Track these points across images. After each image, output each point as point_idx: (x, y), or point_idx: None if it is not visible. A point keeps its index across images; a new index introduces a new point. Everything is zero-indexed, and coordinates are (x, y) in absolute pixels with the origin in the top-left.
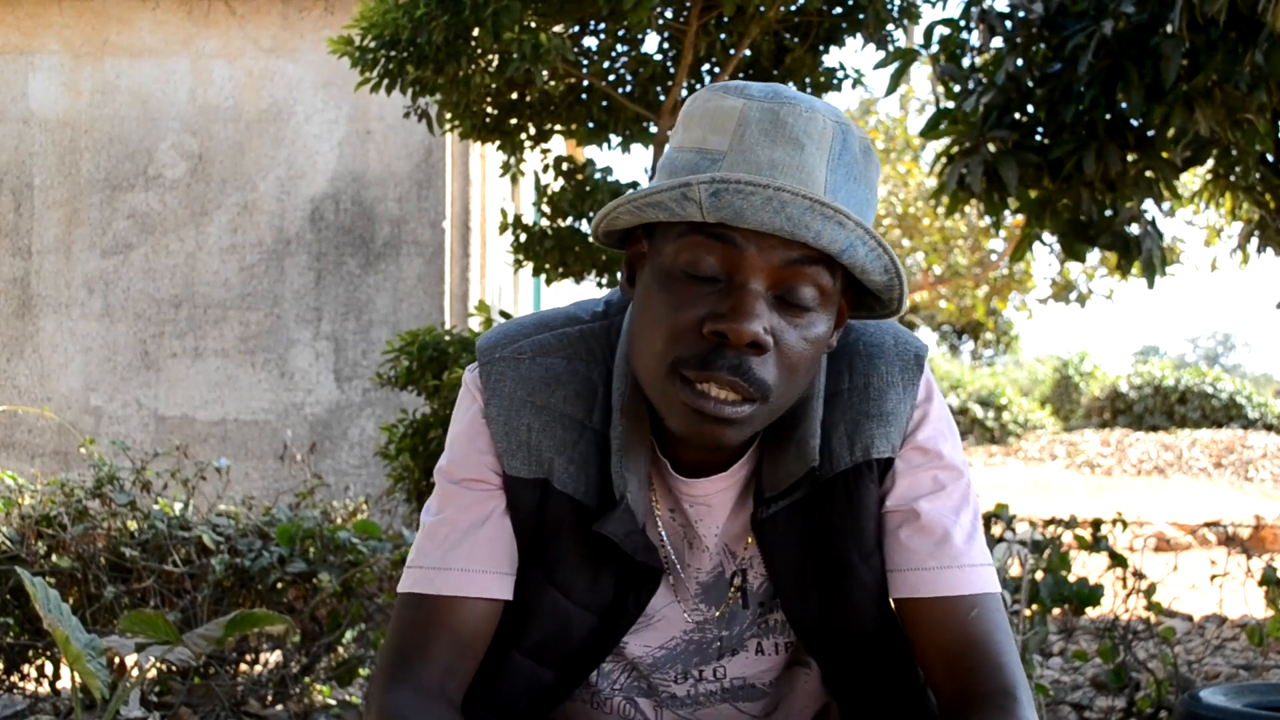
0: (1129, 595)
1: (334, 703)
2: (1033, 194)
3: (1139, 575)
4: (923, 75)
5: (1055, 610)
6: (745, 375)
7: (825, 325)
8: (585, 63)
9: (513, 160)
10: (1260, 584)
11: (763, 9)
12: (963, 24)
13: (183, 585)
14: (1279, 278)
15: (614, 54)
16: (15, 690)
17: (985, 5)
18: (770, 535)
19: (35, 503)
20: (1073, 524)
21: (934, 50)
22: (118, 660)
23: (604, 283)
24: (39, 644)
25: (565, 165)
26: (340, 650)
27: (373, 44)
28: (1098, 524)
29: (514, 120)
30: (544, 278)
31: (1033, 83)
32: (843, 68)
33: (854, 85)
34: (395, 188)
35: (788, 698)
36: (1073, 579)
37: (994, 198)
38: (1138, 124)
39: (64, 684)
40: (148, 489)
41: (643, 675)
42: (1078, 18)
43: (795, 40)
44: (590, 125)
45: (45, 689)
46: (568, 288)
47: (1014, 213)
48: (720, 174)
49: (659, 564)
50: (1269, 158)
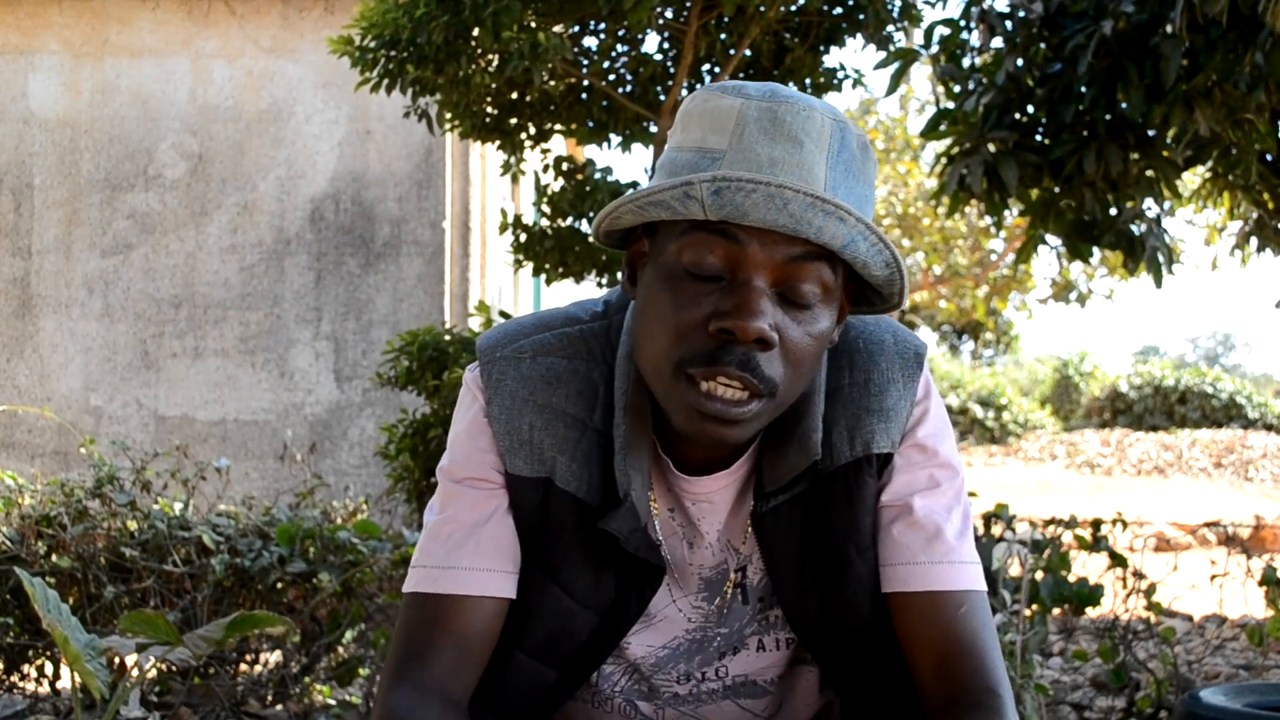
0: (1129, 595)
1: (334, 703)
2: (1035, 195)
3: (1139, 575)
4: (923, 76)
5: (1055, 610)
6: (753, 371)
7: (828, 320)
8: (585, 63)
9: (513, 160)
10: (1260, 584)
11: (763, 9)
12: (963, 24)
13: (183, 585)
14: (1278, 277)
15: (614, 54)
16: (15, 690)
17: (985, 5)
18: (769, 529)
19: (35, 503)
20: (1073, 524)
21: (934, 50)
22: (118, 660)
23: (604, 283)
24: (39, 644)
25: (565, 165)
26: (340, 650)
27: (373, 44)
28: (1098, 524)
29: (514, 120)
30: (544, 278)
31: (1033, 83)
32: (843, 68)
33: (854, 85)
34: (395, 188)
35: (790, 695)
36: (1073, 579)
37: (994, 198)
38: (1138, 124)
39: (64, 684)
40: (148, 489)
41: (644, 677)
42: (1077, 18)
43: (795, 40)
44: (590, 125)
45: (45, 689)
46: (568, 288)
47: (1020, 214)
48: (722, 172)
49: (661, 561)
50: (1268, 157)
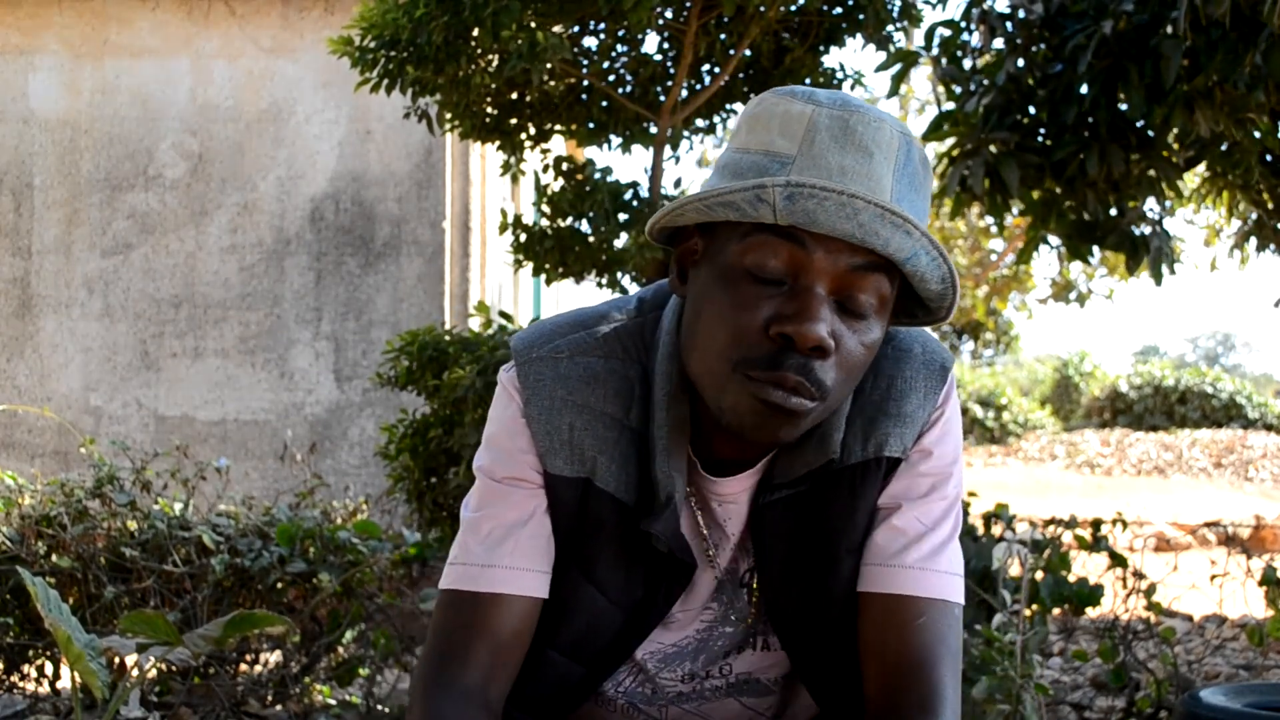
0: (1129, 595)
1: (334, 703)
2: (1036, 196)
3: (1139, 575)
4: (923, 76)
5: (1055, 610)
6: (809, 376)
7: (880, 330)
8: (585, 63)
9: (513, 160)
10: (1260, 584)
11: (763, 9)
12: (963, 25)
13: (183, 585)
14: (1278, 277)
15: (614, 54)
16: (15, 690)
17: (986, 6)
18: (766, 520)
19: (35, 503)
20: (1073, 524)
21: (935, 52)
22: (118, 660)
23: (604, 282)
24: (39, 644)
25: (565, 165)
26: (340, 650)
27: (373, 44)
28: (1098, 524)
29: (514, 120)
30: (544, 278)
31: (1034, 84)
32: (843, 68)
33: (854, 86)
34: (395, 188)
35: (794, 695)
36: (1073, 579)
37: (996, 199)
38: (1139, 124)
39: (64, 684)
40: (148, 489)
41: (649, 676)
42: (1078, 18)
43: (795, 40)
44: (590, 125)
45: (45, 689)
46: (568, 288)
47: (1020, 214)
48: (795, 178)
49: (692, 560)
50: (1268, 157)
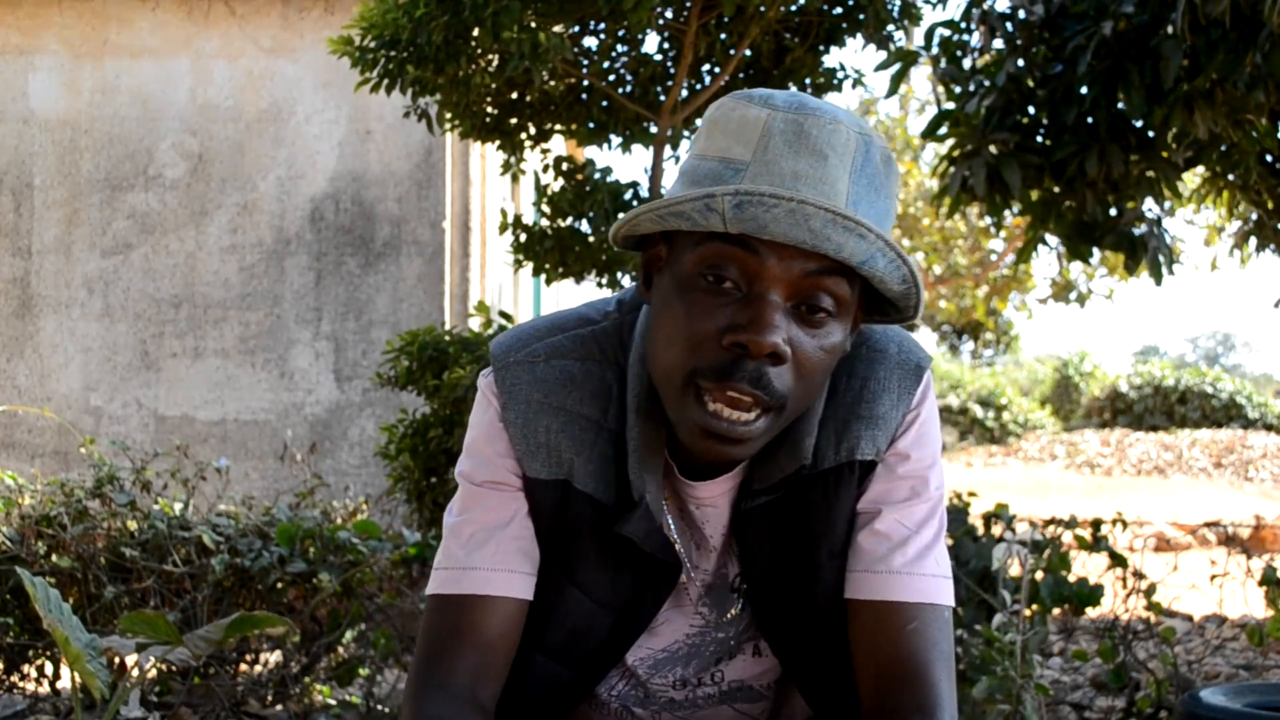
0: (1129, 595)
1: (334, 703)
2: (1036, 196)
3: (1139, 575)
4: (923, 76)
5: (1055, 610)
6: (764, 387)
7: (841, 334)
8: (585, 63)
9: (513, 160)
10: (1260, 584)
11: (763, 9)
12: (963, 25)
13: (183, 585)
14: (1278, 277)
15: (614, 54)
16: (15, 690)
17: (986, 6)
18: (748, 526)
19: (35, 503)
20: (1073, 524)
21: (934, 52)
22: (118, 660)
23: (604, 283)
24: (39, 644)
25: (565, 165)
26: (340, 650)
27: (373, 44)
28: (1098, 524)
29: (514, 120)
30: (544, 278)
31: (1034, 84)
32: (843, 68)
33: (854, 86)
34: (395, 188)
35: (786, 701)
36: (1073, 579)
37: (997, 200)
38: (1139, 125)
39: (64, 684)
40: (148, 489)
41: (640, 682)
42: (1078, 19)
43: (795, 40)
44: (590, 125)
45: (45, 689)
46: (568, 288)
47: (1020, 215)
48: (744, 186)
49: (677, 560)
50: (1268, 158)
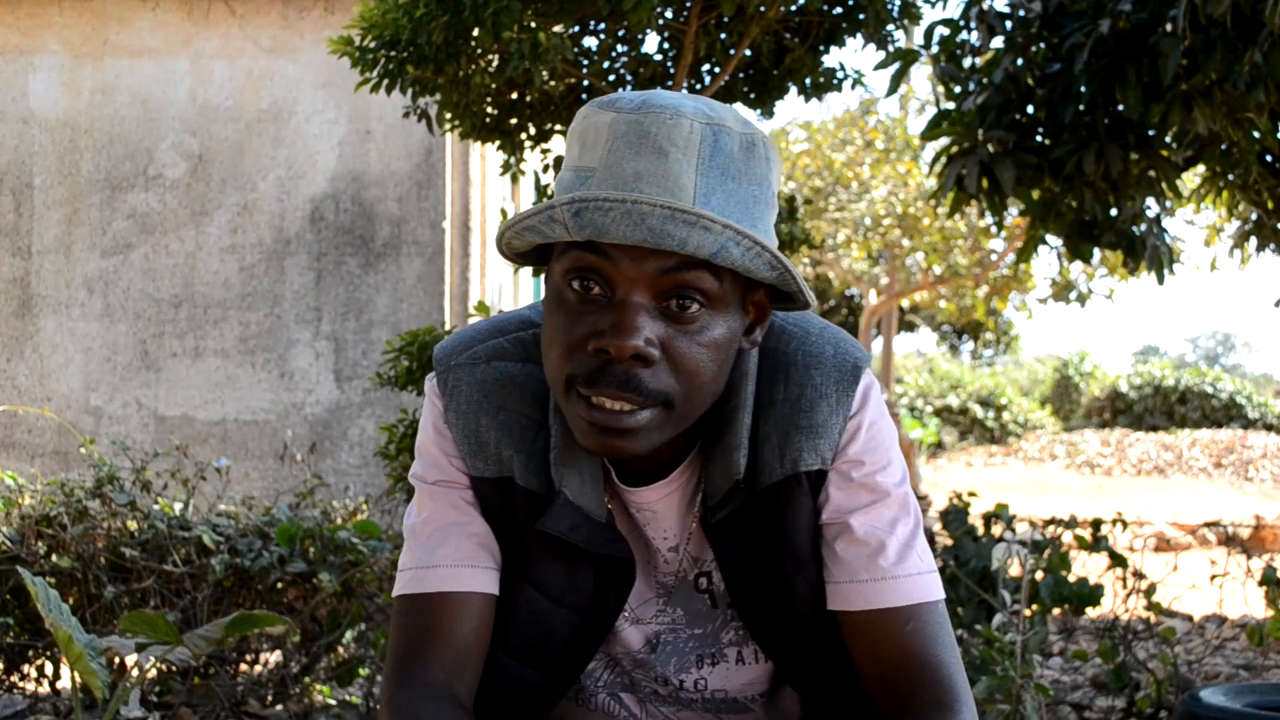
0: (1129, 595)
1: (334, 703)
2: (1035, 195)
3: (1139, 575)
4: (923, 76)
5: (1055, 610)
6: (635, 388)
7: (723, 327)
8: (585, 63)
9: (513, 160)
10: (1260, 584)
11: (763, 9)
12: (962, 24)
13: (183, 585)
14: (1278, 277)
15: (614, 54)
16: (15, 690)
17: (985, 5)
18: (720, 541)
19: (35, 503)
20: (1073, 524)
21: (934, 51)
22: (118, 660)
23: None
24: (39, 644)
25: None
26: (340, 650)
27: (373, 44)
28: (1098, 524)
29: (514, 120)
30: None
31: (1032, 82)
32: (843, 68)
33: (854, 85)
34: (395, 188)
35: (774, 713)
36: (1073, 579)
37: (993, 198)
38: (1137, 123)
39: (64, 684)
40: (148, 489)
41: (626, 671)
42: (1076, 17)
43: (795, 40)
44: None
45: (45, 689)
46: None
47: (1020, 214)
48: (580, 194)
49: (627, 554)
50: (1268, 157)
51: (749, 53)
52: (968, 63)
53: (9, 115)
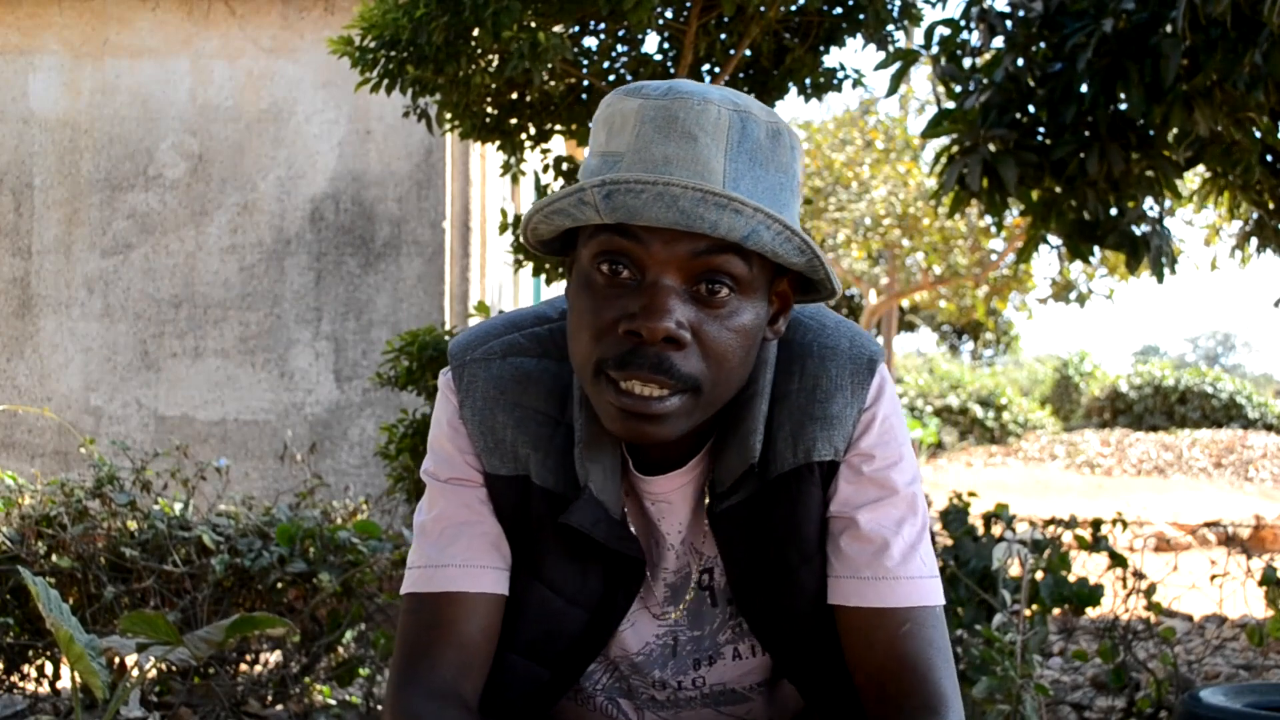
0: (1129, 595)
1: (334, 703)
2: (1035, 195)
3: (1139, 575)
4: (923, 76)
5: (1055, 610)
6: (667, 371)
7: (751, 313)
8: (585, 63)
9: (513, 160)
10: (1260, 584)
11: (763, 9)
12: (963, 24)
13: (183, 585)
14: (1278, 277)
15: (614, 54)
16: (15, 690)
17: (985, 5)
18: (725, 531)
19: (35, 503)
20: (1073, 524)
21: (934, 51)
22: (118, 660)
23: None
24: (39, 644)
25: (565, 165)
26: (340, 650)
27: (373, 44)
28: (1098, 524)
29: (514, 120)
30: (544, 278)
31: (1033, 82)
32: (843, 68)
33: (854, 85)
34: (395, 188)
35: (772, 701)
36: (1073, 579)
37: (994, 197)
38: (1138, 123)
39: (64, 684)
40: (148, 489)
41: (624, 676)
42: (1078, 16)
43: (795, 40)
44: (590, 125)
45: (45, 689)
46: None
47: (1021, 214)
48: (610, 176)
49: (639, 553)
50: (1268, 157)
51: (749, 53)
52: (968, 63)
53: (9, 115)
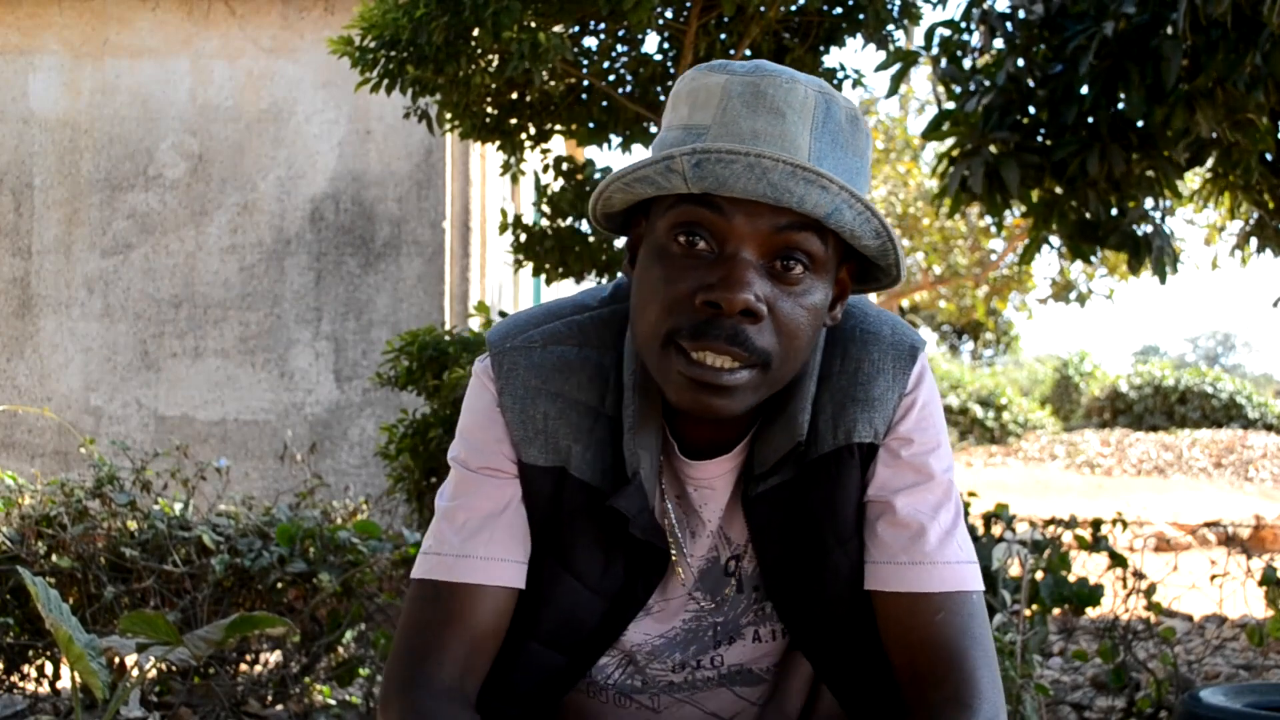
0: (1129, 595)
1: (334, 703)
2: (1037, 196)
3: (1139, 575)
4: (923, 76)
5: (1055, 610)
6: (742, 343)
7: (821, 293)
8: (585, 63)
9: (513, 160)
10: (1260, 584)
11: (763, 9)
12: (963, 25)
13: (183, 585)
14: (1278, 277)
15: (614, 54)
16: (15, 690)
17: (986, 6)
18: (758, 514)
19: (35, 503)
20: (1073, 524)
21: (934, 52)
22: (118, 660)
23: (604, 282)
24: (39, 644)
25: (565, 165)
26: (340, 650)
27: (373, 44)
28: (1098, 524)
29: (514, 120)
30: (544, 278)
31: (1034, 84)
32: (843, 68)
33: (854, 86)
34: (395, 188)
35: (784, 682)
36: (1073, 579)
37: (996, 199)
38: (1140, 124)
39: (64, 684)
40: (148, 489)
41: (639, 667)
42: (1078, 18)
43: (795, 40)
44: (590, 125)
45: (45, 689)
46: (568, 288)
47: (1022, 215)
48: (702, 144)
49: (665, 546)
50: (1268, 157)
51: (749, 53)
52: (968, 64)
53: (9, 115)
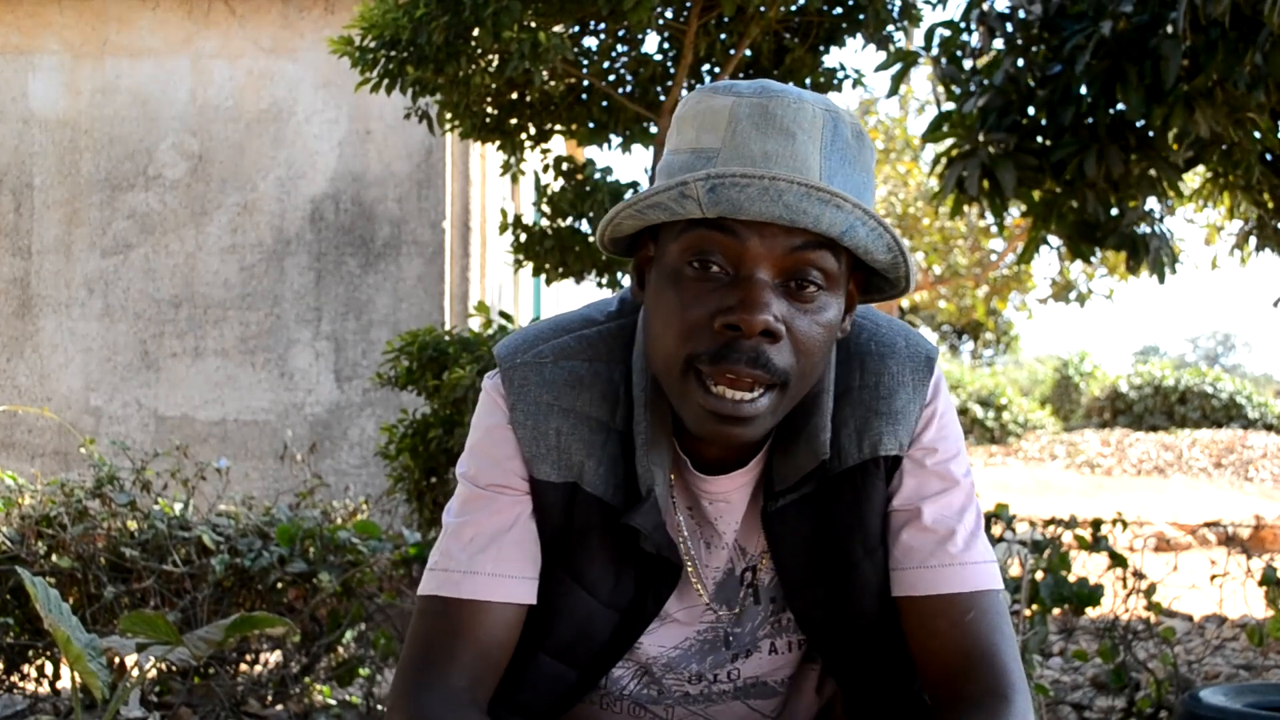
0: (1129, 595)
1: (334, 703)
2: (1037, 196)
3: (1139, 575)
4: (923, 76)
5: (1055, 610)
6: (764, 365)
7: (835, 309)
8: (585, 63)
9: (513, 160)
10: (1260, 584)
11: (763, 9)
12: (963, 25)
13: (183, 585)
14: (1278, 277)
15: (614, 54)
16: (15, 690)
17: (985, 6)
18: (778, 529)
19: (35, 503)
20: (1073, 524)
21: (934, 52)
22: (118, 660)
23: (604, 283)
24: (39, 644)
25: (565, 165)
26: (340, 650)
27: (373, 44)
28: (1098, 524)
29: (514, 120)
30: (544, 278)
31: (1032, 84)
32: (843, 68)
33: (854, 86)
34: (395, 188)
35: (796, 695)
36: (1073, 579)
37: (993, 200)
38: (1139, 124)
39: (64, 684)
40: (148, 489)
41: (655, 679)
42: (1077, 19)
43: (795, 40)
44: (590, 125)
45: (45, 689)
46: (568, 288)
47: (1021, 215)
48: (715, 169)
49: (679, 560)
50: (1268, 157)
51: (749, 53)
52: (968, 64)
53: (9, 115)
